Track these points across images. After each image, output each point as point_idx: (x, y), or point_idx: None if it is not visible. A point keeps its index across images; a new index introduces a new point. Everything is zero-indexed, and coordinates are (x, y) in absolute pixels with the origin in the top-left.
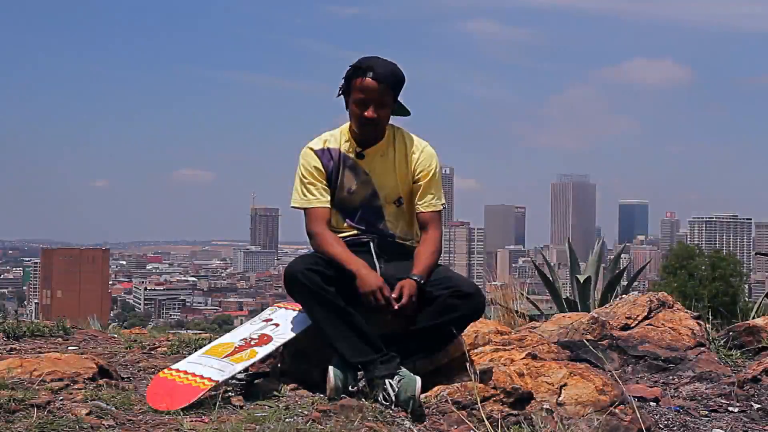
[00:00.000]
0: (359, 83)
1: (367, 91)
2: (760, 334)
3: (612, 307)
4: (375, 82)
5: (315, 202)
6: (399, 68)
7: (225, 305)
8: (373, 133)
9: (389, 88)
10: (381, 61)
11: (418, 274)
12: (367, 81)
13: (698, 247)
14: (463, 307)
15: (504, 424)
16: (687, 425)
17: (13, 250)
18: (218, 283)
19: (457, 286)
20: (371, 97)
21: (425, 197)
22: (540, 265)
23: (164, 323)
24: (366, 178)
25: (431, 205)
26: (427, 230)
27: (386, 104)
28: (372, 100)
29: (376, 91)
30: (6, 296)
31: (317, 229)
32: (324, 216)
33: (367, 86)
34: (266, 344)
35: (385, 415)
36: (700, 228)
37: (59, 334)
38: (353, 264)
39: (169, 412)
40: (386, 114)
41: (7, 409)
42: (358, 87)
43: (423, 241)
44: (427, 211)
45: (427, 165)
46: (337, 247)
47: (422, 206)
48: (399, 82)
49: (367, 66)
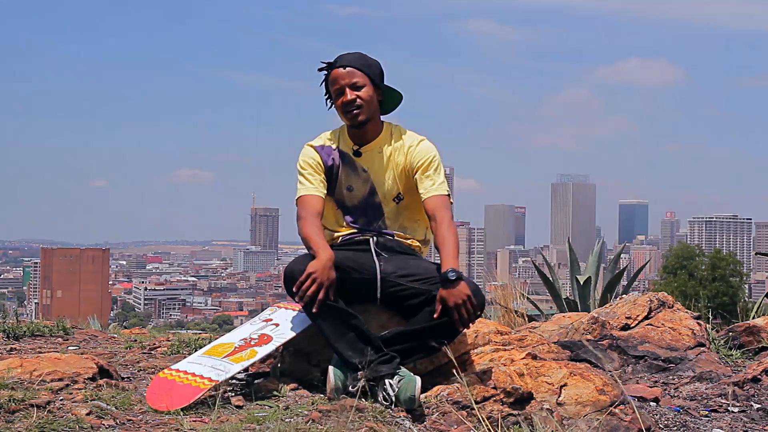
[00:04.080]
0: (331, 78)
1: (338, 80)
2: (760, 334)
3: (612, 307)
4: (341, 68)
5: (304, 191)
6: (367, 55)
7: (225, 305)
8: (363, 117)
9: (358, 70)
10: (346, 54)
11: (451, 269)
12: (336, 71)
13: (698, 247)
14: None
15: (504, 424)
16: (687, 425)
17: (13, 250)
18: (218, 283)
19: None
20: (344, 83)
21: (428, 184)
22: (540, 265)
23: (164, 323)
24: (365, 175)
25: (435, 190)
26: (437, 216)
27: (361, 85)
28: (345, 84)
29: (346, 76)
30: (6, 296)
31: (303, 213)
32: (314, 204)
33: (337, 75)
34: (266, 344)
35: (385, 415)
36: (700, 228)
37: (59, 334)
38: (319, 248)
39: (169, 412)
40: (367, 95)
41: (7, 409)
42: (331, 81)
43: (438, 227)
44: (433, 195)
45: (425, 155)
46: (312, 230)
47: (426, 193)
48: (369, 65)
49: (333, 61)
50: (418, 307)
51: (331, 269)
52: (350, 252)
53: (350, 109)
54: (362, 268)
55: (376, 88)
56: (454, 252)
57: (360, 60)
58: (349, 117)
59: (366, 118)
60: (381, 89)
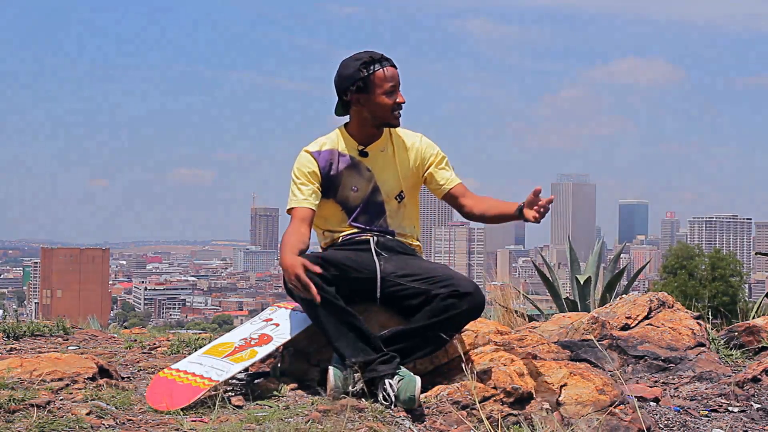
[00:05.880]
0: (384, 73)
1: (394, 79)
2: (760, 334)
3: (612, 307)
4: (394, 68)
5: (295, 203)
6: None
7: (225, 305)
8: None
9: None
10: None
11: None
12: (391, 69)
13: (698, 247)
14: (462, 306)
15: (504, 424)
16: (687, 425)
17: (13, 250)
18: (218, 283)
19: (456, 285)
20: (398, 83)
21: (446, 176)
22: (540, 265)
23: (164, 323)
24: (368, 174)
25: (455, 180)
26: (469, 194)
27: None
28: (398, 85)
29: (399, 78)
30: (6, 296)
31: (289, 227)
32: (305, 216)
33: (394, 73)
34: (266, 344)
35: (385, 415)
36: (700, 228)
37: (59, 334)
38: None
39: (169, 412)
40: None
41: (7, 409)
42: (385, 77)
43: (482, 198)
44: (456, 183)
45: (433, 149)
46: (287, 240)
47: (449, 183)
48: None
49: (380, 57)
50: (417, 307)
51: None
52: (350, 251)
53: (399, 111)
54: (362, 267)
55: None
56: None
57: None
58: (394, 116)
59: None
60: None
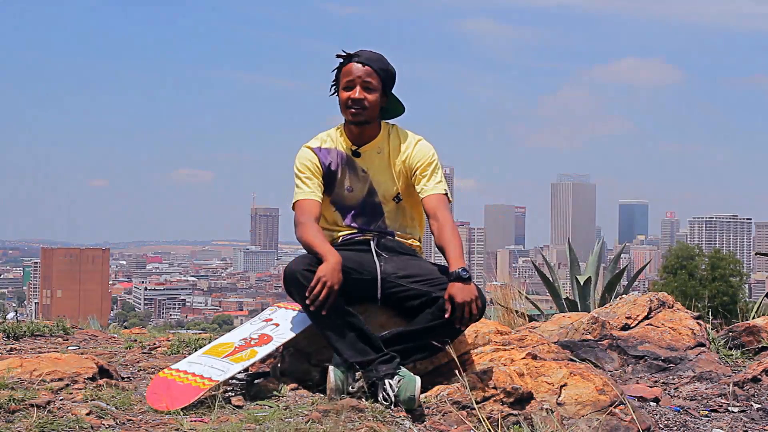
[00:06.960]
0: (346, 69)
1: (352, 73)
2: (760, 334)
3: (612, 307)
4: (360, 65)
5: (301, 195)
6: (387, 60)
7: (225, 305)
8: (362, 118)
9: (375, 72)
10: (367, 51)
11: (460, 267)
12: (353, 65)
13: (698, 247)
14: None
15: (504, 424)
16: (687, 425)
17: (13, 250)
18: (218, 283)
19: None
20: (357, 79)
21: (427, 183)
22: (540, 265)
23: (164, 323)
24: (364, 175)
25: (433, 189)
26: (438, 215)
27: (373, 88)
28: (358, 82)
29: (362, 73)
30: (6, 296)
31: (302, 219)
32: (312, 208)
33: (353, 69)
34: (266, 344)
35: (385, 415)
36: (700, 228)
37: (59, 334)
38: (326, 252)
39: (169, 412)
40: (374, 99)
41: (7, 409)
42: (345, 72)
43: (442, 227)
44: (431, 193)
45: (423, 155)
46: (314, 234)
47: (425, 191)
48: (386, 70)
49: (353, 54)
50: (418, 308)
51: (339, 272)
52: (351, 252)
53: (354, 107)
54: (363, 268)
55: (384, 95)
56: (460, 251)
57: (379, 63)
58: (349, 113)
59: (365, 120)
60: (388, 97)
